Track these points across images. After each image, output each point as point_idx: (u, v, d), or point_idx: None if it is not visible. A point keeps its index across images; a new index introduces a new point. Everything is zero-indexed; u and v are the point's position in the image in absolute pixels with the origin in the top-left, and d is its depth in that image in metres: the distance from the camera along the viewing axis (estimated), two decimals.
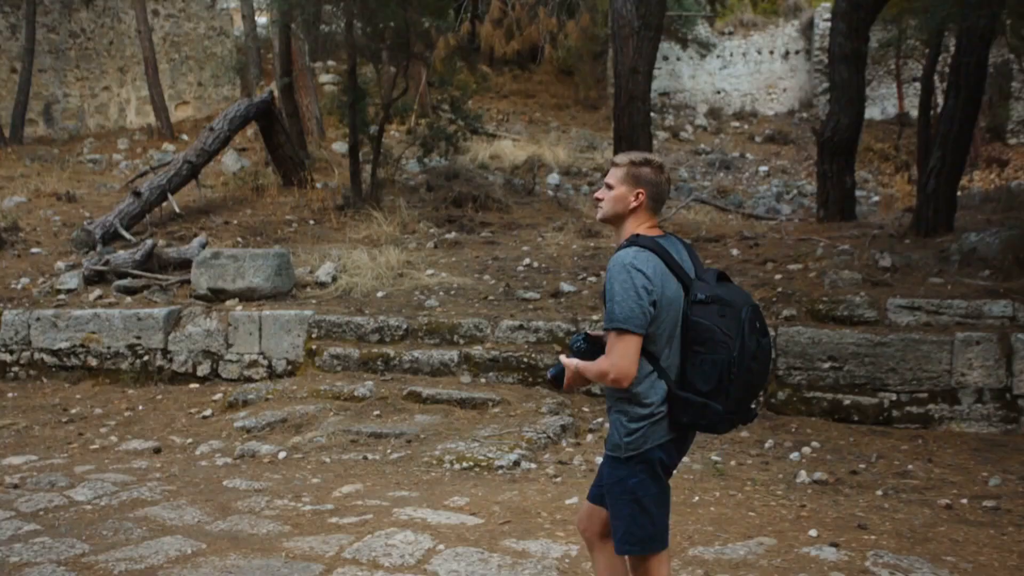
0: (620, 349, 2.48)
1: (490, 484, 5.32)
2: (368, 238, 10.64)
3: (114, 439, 6.42)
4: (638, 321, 2.46)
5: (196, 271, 8.15)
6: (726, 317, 2.51)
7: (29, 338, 8.00)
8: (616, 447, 2.61)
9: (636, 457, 2.57)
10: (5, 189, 12.73)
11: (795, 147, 20.74)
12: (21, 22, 20.38)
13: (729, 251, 8.83)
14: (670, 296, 2.53)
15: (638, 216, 2.64)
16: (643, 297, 2.46)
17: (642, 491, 2.59)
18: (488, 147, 16.63)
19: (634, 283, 2.47)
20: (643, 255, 2.52)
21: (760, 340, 2.54)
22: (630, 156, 2.68)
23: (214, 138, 11.98)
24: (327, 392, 6.82)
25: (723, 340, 2.50)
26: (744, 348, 2.49)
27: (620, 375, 2.49)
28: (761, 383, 2.60)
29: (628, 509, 2.61)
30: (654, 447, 2.57)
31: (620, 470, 2.61)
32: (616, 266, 2.53)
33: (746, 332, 2.50)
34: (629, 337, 2.48)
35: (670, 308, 2.53)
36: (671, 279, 2.54)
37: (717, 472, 5.49)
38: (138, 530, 4.50)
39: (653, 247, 2.55)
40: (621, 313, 2.48)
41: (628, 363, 2.48)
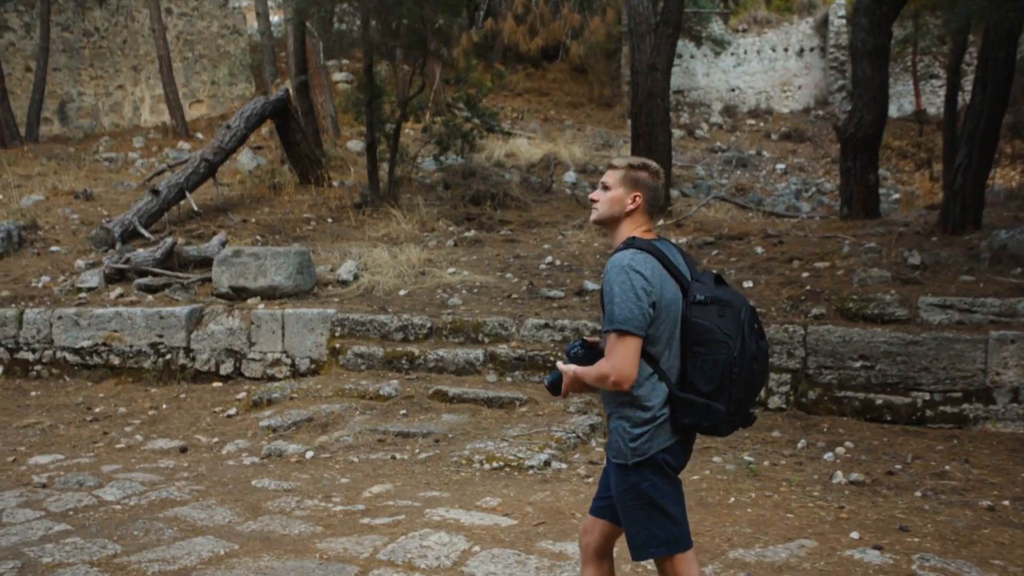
0: (620, 351, 2.46)
1: (521, 484, 5.26)
2: (387, 236, 10.59)
3: (139, 438, 6.38)
4: (638, 322, 2.44)
5: (217, 269, 8.11)
6: (725, 317, 2.51)
7: (51, 337, 7.98)
8: (621, 454, 2.58)
9: (644, 462, 2.55)
10: (23, 188, 12.73)
11: (812, 145, 20.61)
12: (35, 21, 20.42)
13: (753, 249, 8.74)
14: (669, 298, 2.52)
15: (634, 219, 2.64)
16: (642, 299, 2.45)
17: (656, 493, 2.56)
18: (503, 145, 16.56)
19: (633, 285, 2.46)
20: (641, 257, 2.51)
21: (759, 343, 2.53)
22: (628, 159, 2.69)
23: (231, 136, 11.94)
24: (352, 391, 6.76)
25: (723, 340, 2.49)
26: (745, 348, 2.48)
27: (621, 377, 2.46)
28: (761, 384, 2.59)
29: (644, 513, 2.58)
30: (660, 451, 2.55)
31: (630, 476, 2.57)
32: (614, 268, 2.51)
33: (746, 331, 2.49)
34: (629, 339, 2.45)
35: (669, 310, 2.52)
36: (669, 281, 2.54)
37: (751, 473, 5.41)
38: (169, 530, 4.45)
39: (650, 249, 2.55)
40: (621, 315, 2.45)
41: (629, 365, 2.45)
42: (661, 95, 11.18)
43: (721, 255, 8.67)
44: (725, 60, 24.21)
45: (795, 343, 6.60)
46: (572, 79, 22.90)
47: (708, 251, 8.84)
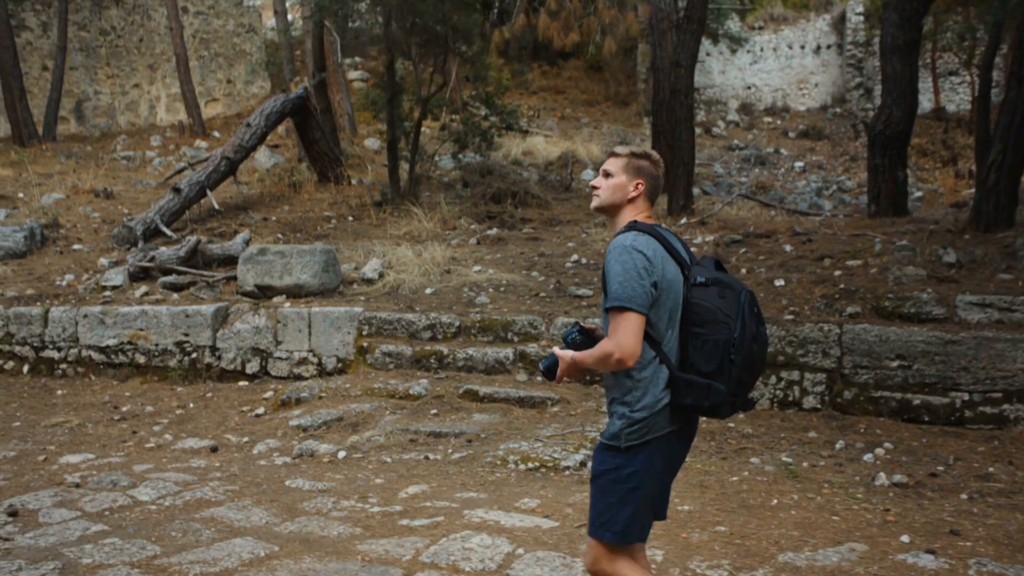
0: (624, 328, 2.45)
1: (558, 486, 5.19)
2: (409, 234, 10.54)
3: (169, 437, 6.34)
4: (641, 300, 2.45)
5: (243, 267, 8.07)
6: (726, 299, 2.52)
7: (76, 335, 7.95)
8: (615, 436, 2.57)
9: (636, 447, 2.54)
10: (43, 186, 12.73)
11: (830, 142, 20.45)
12: (52, 20, 20.46)
13: (782, 247, 8.64)
14: (670, 279, 2.53)
15: (635, 206, 2.66)
16: (644, 277, 2.46)
17: (636, 482, 2.55)
18: (520, 143, 16.49)
19: (635, 263, 2.46)
20: (643, 238, 2.53)
21: (759, 328, 2.54)
22: (630, 148, 2.72)
23: (251, 134, 11.92)
24: (381, 390, 6.70)
25: (724, 321, 2.50)
26: (745, 328, 2.48)
27: (625, 354, 2.44)
28: (761, 368, 2.58)
29: (615, 497, 2.57)
30: (655, 438, 2.54)
31: (617, 459, 2.56)
32: (616, 248, 2.52)
33: (746, 313, 2.50)
34: (632, 315, 2.45)
35: (670, 291, 2.53)
36: (671, 262, 2.55)
37: (791, 474, 5.32)
38: (207, 531, 4.40)
39: (652, 232, 2.57)
40: (624, 292, 2.45)
41: (632, 342, 2.44)
42: (685, 92, 11.07)
43: (749, 253, 8.58)
44: (741, 58, 24.07)
45: (830, 342, 6.51)
46: (588, 77, 22.80)
47: (736, 249, 8.74)
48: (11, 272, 9.24)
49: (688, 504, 4.82)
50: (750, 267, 8.07)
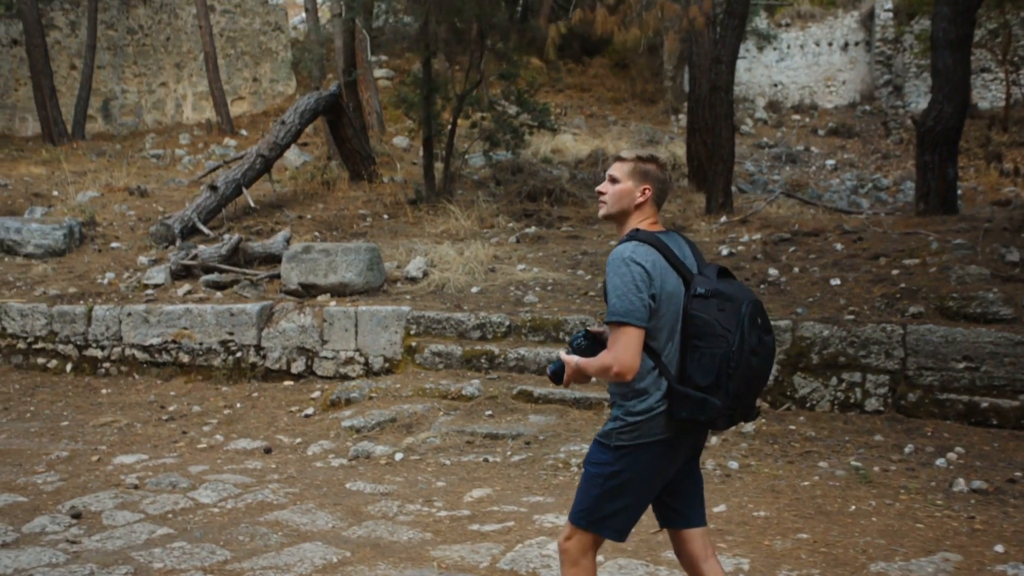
0: (623, 342, 2.45)
1: None
2: (447, 233, 10.43)
3: (220, 438, 6.25)
4: (639, 314, 2.45)
5: (286, 265, 7.98)
6: (725, 311, 2.49)
7: (120, 334, 7.88)
8: (607, 435, 2.58)
9: (625, 448, 2.54)
10: (77, 184, 12.72)
11: (860, 140, 20.20)
12: (80, 19, 20.49)
13: (832, 245, 8.47)
14: (670, 290, 2.52)
15: (643, 211, 2.63)
16: (642, 290, 2.45)
17: (617, 481, 2.55)
18: (550, 141, 16.36)
19: (633, 277, 2.46)
20: (642, 249, 2.51)
21: (762, 337, 2.50)
22: (636, 152, 2.68)
23: (285, 131, 11.84)
24: (433, 391, 6.59)
25: (722, 334, 2.48)
26: (743, 342, 2.46)
27: (623, 368, 2.45)
28: (763, 380, 2.55)
29: (596, 492, 2.58)
30: (645, 444, 2.53)
31: (605, 454, 2.58)
32: (615, 260, 2.51)
33: (746, 327, 2.47)
34: (631, 330, 2.45)
35: (670, 302, 2.52)
36: (671, 273, 2.53)
37: (864, 479, 5.17)
38: (274, 536, 4.30)
39: (652, 242, 2.54)
40: (621, 307, 2.45)
41: (631, 356, 2.45)
42: (725, 88, 10.91)
43: (799, 252, 8.41)
44: (768, 55, 23.83)
45: (893, 343, 6.34)
46: (613, 74, 22.63)
47: (785, 248, 8.58)
48: (51, 270, 9.20)
49: (763, 510, 4.67)
50: (802, 266, 7.91)
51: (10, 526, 4.38)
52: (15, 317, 8.09)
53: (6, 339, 8.10)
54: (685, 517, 2.75)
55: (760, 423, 6.21)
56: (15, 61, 20.54)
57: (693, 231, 10.03)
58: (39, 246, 9.58)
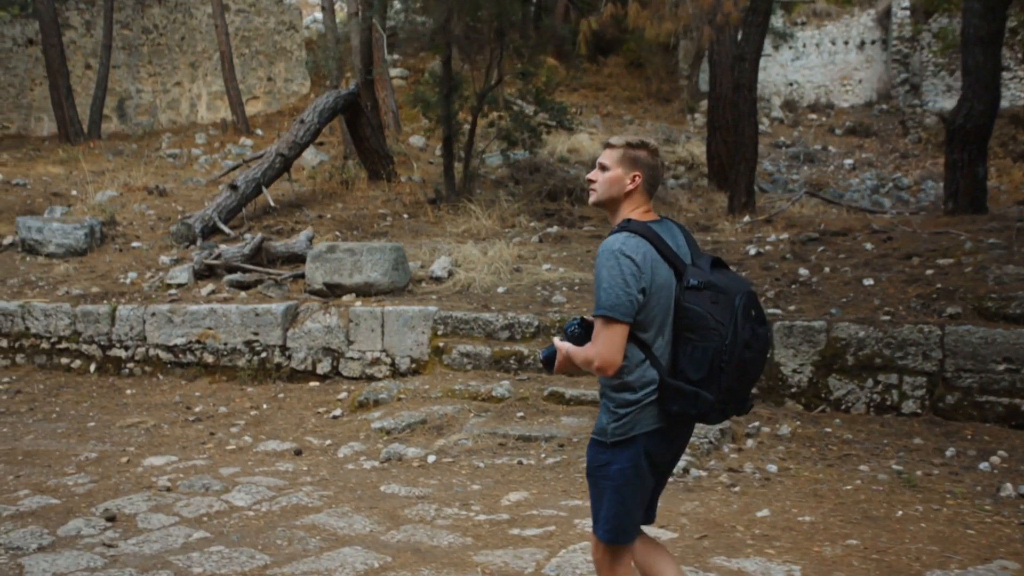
0: (606, 337, 2.42)
1: (664, 494, 4.95)
2: (468, 232, 10.36)
3: (248, 439, 6.19)
4: (624, 309, 2.40)
5: (311, 265, 7.91)
6: (719, 304, 2.45)
7: (144, 334, 7.83)
8: (602, 431, 2.55)
9: (622, 443, 2.51)
10: (95, 184, 12.69)
11: (878, 140, 20.04)
12: (95, 19, 20.50)
13: (861, 245, 8.36)
14: (661, 283, 2.47)
15: (633, 200, 2.59)
16: (631, 284, 2.41)
17: (622, 480, 2.53)
18: (566, 140, 16.27)
19: (622, 270, 2.41)
20: (633, 240, 2.46)
21: (756, 329, 2.45)
22: (626, 138, 2.62)
23: (305, 130, 11.80)
24: (462, 392, 6.52)
25: (715, 327, 2.43)
26: (737, 336, 2.42)
27: (604, 363, 2.43)
28: (756, 373, 2.51)
29: (609, 496, 2.55)
30: (641, 434, 2.50)
31: (604, 454, 2.54)
32: (605, 252, 2.47)
33: (739, 319, 2.42)
34: (615, 325, 2.41)
35: (661, 294, 2.47)
36: (662, 265, 2.48)
37: (907, 483, 5.07)
38: (312, 540, 4.23)
39: (644, 232, 2.49)
40: (607, 300, 2.41)
41: (613, 351, 2.42)
42: (748, 86, 10.81)
43: (828, 251, 8.30)
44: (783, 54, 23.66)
45: (931, 344, 6.23)
46: (628, 74, 22.53)
47: (813, 247, 8.47)
48: (73, 270, 9.16)
49: (808, 515, 4.58)
50: (832, 266, 7.80)
51: (45, 529, 4.32)
52: (39, 317, 8.05)
53: (30, 339, 8.06)
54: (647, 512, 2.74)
55: (795, 425, 6.11)
56: (30, 61, 20.58)
57: (718, 230, 9.93)
58: (60, 245, 9.55)
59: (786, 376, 6.52)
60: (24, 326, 8.08)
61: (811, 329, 6.46)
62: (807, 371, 6.48)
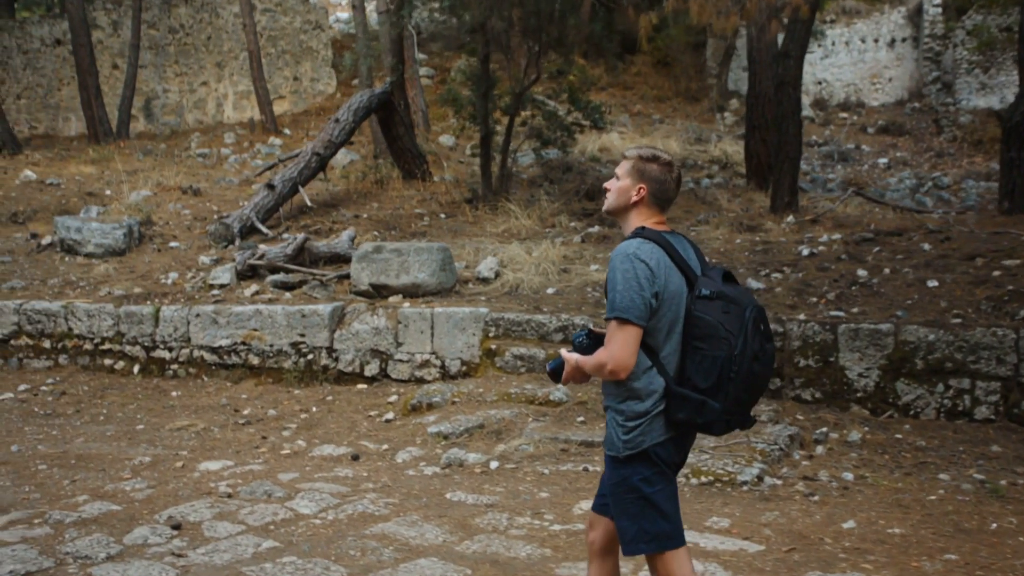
0: (620, 339, 2.42)
1: (740, 503, 4.79)
2: (507, 232, 10.20)
3: (302, 444, 6.05)
4: (639, 312, 2.41)
5: (357, 266, 7.78)
6: (730, 314, 2.45)
7: (188, 335, 7.72)
8: (614, 447, 2.54)
9: (636, 456, 2.50)
10: (128, 183, 12.62)
11: (912, 138, 19.73)
12: (122, 19, 20.50)
13: (918, 246, 8.15)
14: (673, 290, 2.48)
15: (640, 211, 2.60)
16: (645, 288, 2.42)
17: (648, 487, 2.51)
18: (596, 140, 16.10)
19: (636, 273, 2.42)
20: (647, 247, 2.48)
21: (764, 344, 2.47)
22: (640, 150, 2.64)
23: (340, 129, 11.68)
24: (518, 396, 6.36)
25: (725, 337, 2.43)
26: (746, 347, 2.42)
27: (618, 366, 2.42)
28: (762, 387, 2.52)
29: (636, 507, 2.52)
30: (653, 445, 2.49)
31: (622, 469, 2.53)
32: (619, 256, 2.48)
33: (749, 331, 2.43)
34: (629, 327, 2.41)
35: (672, 302, 2.48)
36: (675, 272, 2.50)
37: (994, 493, 4.87)
38: (386, 551, 4.08)
39: (658, 240, 2.52)
40: (622, 303, 2.41)
41: (627, 354, 2.42)
42: (793, 84, 10.61)
43: (884, 252, 8.09)
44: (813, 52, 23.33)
45: (1006, 348, 6.02)
46: (656, 72, 22.32)
47: (868, 248, 8.26)
48: (113, 270, 9.07)
49: (897, 527, 4.39)
50: (892, 267, 7.59)
51: (111, 536, 4.20)
52: (82, 318, 7.96)
53: (73, 340, 7.97)
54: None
55: (864, 431, 5.92)
56: (58, 61, 20.61)
57: (764, 230, 9.73)
58: (99, 245, 9.47)
59: (851, 380, 6.33)
60: (67, 327, 7.99)
61: (878, 332, 6.26)
62: (874, 375, 6.29)
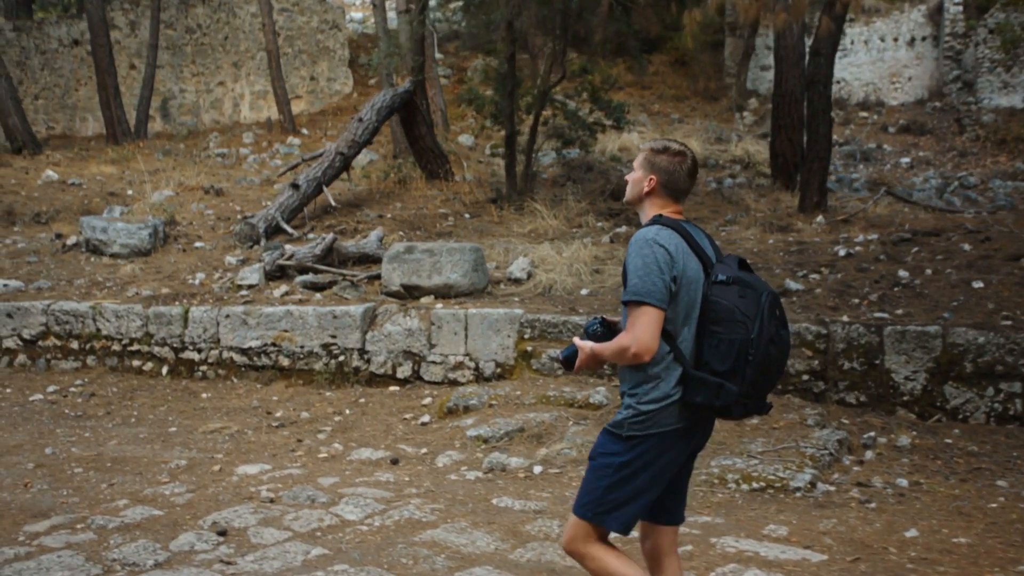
0: (643, 322, 2.44)
1: (795, 510, 4.67)
2: (534, 232, 10.09)
3: (339, 447, 5.95)
4: (660, 295, 2.44)
5: (388, 266, 7.68)
6: (746, 298, 2.49)
7: (218, 336, 7.64)
8: (619, 424, 2.57)
9: (637, 438, 2.52)
10: (149, 183, 12.56)
11: (933, 138, 19.53)
12: (140, 19, 20.48)
13: (958, 246, 8.00)
14: (690, 276, 2.52)
15: (653, 201, 2.65)
16: (665, 272, 2.45)
17: (627, 471, 2.54)
18: (616, 139, 15.97)
19: (656, 258, 2.46)
20: (665, 232, 2.53)
21: (779, 330, 2.49)
22: (652, 143, 2.68)
23: (363, 129, 11.59)
24: (557, 399, 6.25)
25: (741, 320, 2.46)
26: (763, 330, 2.45)
27: (641, 348, 2.43)
28: (778, 371, 2.54)
29: (605, 483, 2.56)
30: (657, 433, 2.52)
31: (615, 445, 2.56)
32: (639, 241, 2.52)
33: (765, 315, 2.46)
34: (650, 310, 2.44)
35: (690, 287, 2.52)
36: (692, 258, 2.54)
37: None
38: (438, 559, 3.97)
39: (675, 227, 2.56)
40: (643, 287, 2.44)
41: (650, 336, 2.44)
42: (824, 82, 10.45)
43: (923, 252, 7.95)
44: None
45: None
46: (673, 72, 22.18)
47: (907, 248, 8.12)
48: (139, 270, 9.00)
49: (961, 535, 4.26)
50: (933, 267, 7.45)
51: (156, 543, 4.10)
52: (110, 318, 7.88)
53: (101, 340, 7.89)
54: (671, 513, 2.75)
55: (913, 435, 5.78)
56: (75, 62, 20.60)
57: (796, 231, 9.59)
58: (125, 245, 9.40)
59: (897, 384, 6.19)
60: (95, 327, 7.91)
61: (925, 334, 6.12)
62: (921, 378, 6.15)
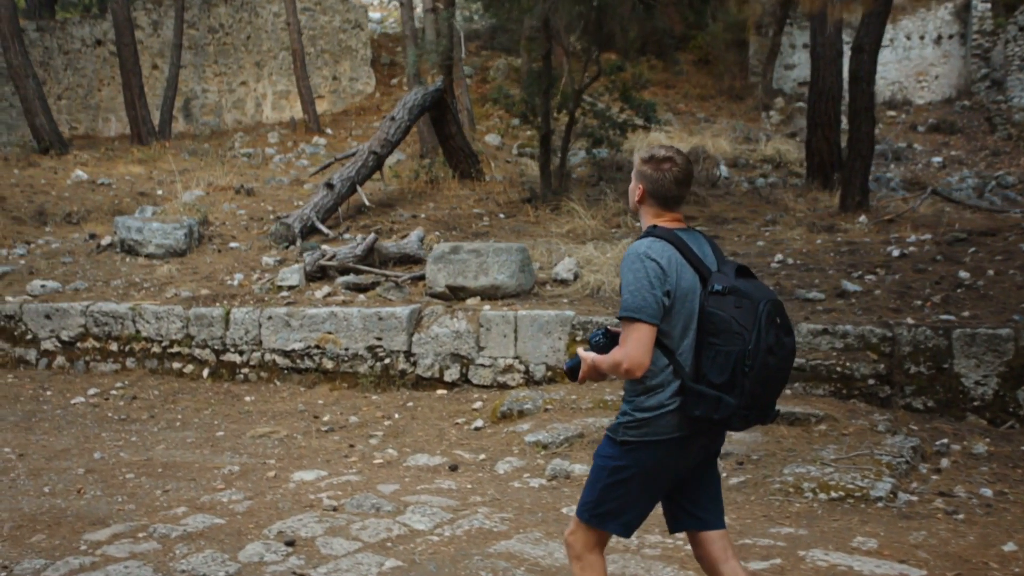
0: (634, 338, 2.44)
1: (880, 520, 4.48)
2: (572, 232, 9.91)
3: (393, 453, 5.80)
4: (651, 311, 2.43)
5: (432, 267, 7.53)
6: (742, 309, 2.45)
7: (260, 338, 7.50)
8: (615, 428, 2.59)
9: (631, 444, 2.52)
10: (179, 183, 12.46)
11: (964, 137, 19.27)
12: (163, 19, 20.42)
13: (1016, 246, 7.80)
14: (685, 287, 2.50)
15: (646, 210, 2.65)
16: (656, 287, 2.44)
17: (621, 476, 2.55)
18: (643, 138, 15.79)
19: (647, 272, 2.45)
20: (658, 245, 2.50)
21: (781, 337, 2.46)
22: (642, 151, 2.66)
23: (395, 128, 11.45)
24: (614, 402, 6.08)
25: (738, 331, 2.43)
26: (760, 341, 2.41)
27: (633, 365, 2.44)
28: (781, 381, 2.51)
29: (603, 487, 2.58)
30: (652, 442, 2.50)
31: (612, 449, 2.59)
32: (631, 256, 2.50)
33: (763, 325, 2.42)
34: (642, 326, 2.44)
35: (685, 300, 2.50)
36: (687, 269, 2.51)
37: None
38: (517, 571, 3.82)
39: (669, 238, 2.53)
40: (634, 302, 2.44)
41: (641, 353, 2.43)
42: (867, 79, 10.27)
43: (981, 253, 7.74)
44: None
45: None
46: (698, 71, 21.98)
47: (963, 249, 7.91)
48: (176, 271, 8.88)
49: None
50: (995, 268, 7.24)
51: (224, 553, 3.96)
52: (150, 320, 7.76)
53: (140, 342, 7.77)
54: (699, 520, 2.69)
55: (987, 443, 5.58)
56: (98, 62, 20.56)
57: (843, 231, 9.39)
58: (160, 246, 9.28)
59: (967, 388, 5.99)
60: (135, 329, 7.79)
61: (996, 337, 5.92)
62: (992, 383, 5.95)
